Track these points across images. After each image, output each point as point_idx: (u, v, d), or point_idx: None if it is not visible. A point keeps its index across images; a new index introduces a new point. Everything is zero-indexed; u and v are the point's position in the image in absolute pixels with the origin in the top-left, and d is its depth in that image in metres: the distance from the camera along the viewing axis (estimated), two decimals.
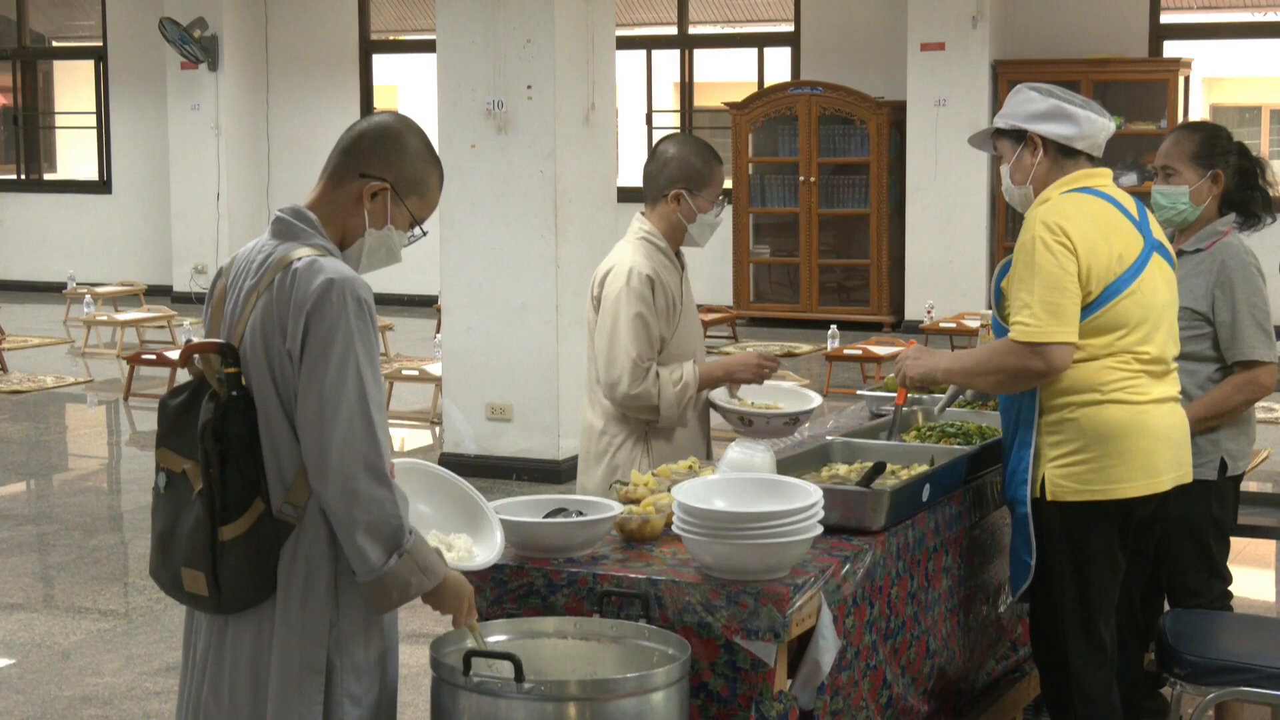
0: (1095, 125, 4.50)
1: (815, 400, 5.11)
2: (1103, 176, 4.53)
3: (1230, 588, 5.50)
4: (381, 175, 3.56)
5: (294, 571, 3.45)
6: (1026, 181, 4.54)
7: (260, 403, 3.42)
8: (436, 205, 3.70)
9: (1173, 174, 5.26)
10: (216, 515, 3.41)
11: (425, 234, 3.67)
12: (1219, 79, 22.09)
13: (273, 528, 3.43)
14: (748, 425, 4.97)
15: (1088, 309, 4.35)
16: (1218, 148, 5.27)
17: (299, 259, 3.43)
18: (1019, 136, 4.54)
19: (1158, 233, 4.57)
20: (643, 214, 5.13)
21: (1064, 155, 4.50)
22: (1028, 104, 4.54)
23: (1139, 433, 4.39)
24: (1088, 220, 4.38)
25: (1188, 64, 15.52)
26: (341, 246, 3.57)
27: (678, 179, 5.03)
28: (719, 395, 5.09)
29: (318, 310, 3.36)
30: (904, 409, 5.05)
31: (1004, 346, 4.39)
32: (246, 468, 3.40)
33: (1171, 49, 16.00)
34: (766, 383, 5.14)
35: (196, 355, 3.50)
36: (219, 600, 3.46)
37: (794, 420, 4.99)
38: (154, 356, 12.83)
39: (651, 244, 5.06)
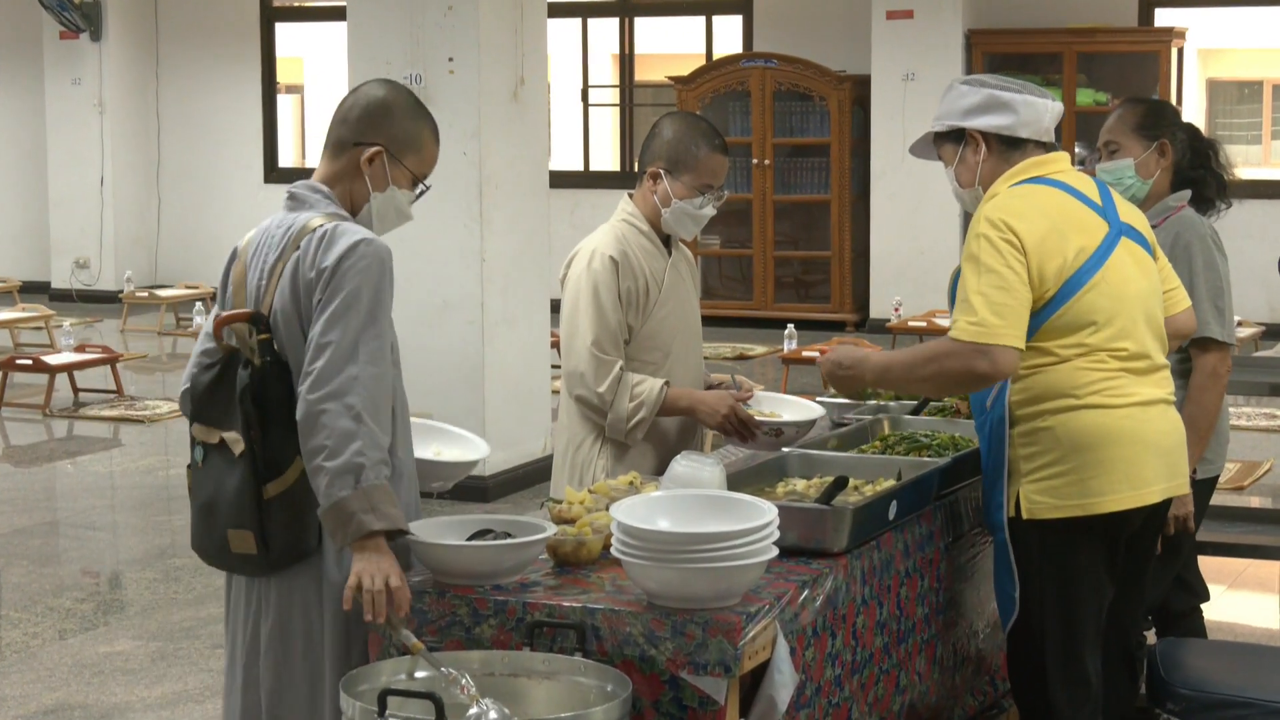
0: (1036, 109, 4.57)
1: (812, 412, 5.18)
2: (1055, 162, 4.59)
3: (1203, 605, 5.57)
4: (374, 140, 4.14)
5: None
6: (974, 182, 4.61)
7: (295, 364, 4.00)
8: (436, 159, 4.27)
9: (1116, 149, 5.43)
10: (260, 474, 3.99)
11: (429, 188, 4.27)
12: (1216, 50, 22.25)
13: (308, 481, 3.95)
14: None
15: (1047, 308, 4.39)
16: (1163, 119, 5.47)
17: (320, 225, 4.03)
18: (959, 137, 4.62)
19: (1128, 215, 4.61)
20: (630, 195, 5.27)
21: (1008, 147, 4.57)
22: (960, 99, 4.61)
23: (1121, 439, 4.41)
24: (1038, 214, 4.43)
25: (1181, 34, 15.64)
26: (353, 213, 4.17)
27: (658, 156, 5.15)
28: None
29: (342, 266, 3.95)
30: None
31: (945, 348, 4.40)
32: (285, 427, 3.96)
33: (1163, 17, 16.11)
34: (769, 393, 5.28)
35: (226, 328, 4.06)
36: (268, 557, 4.03)
37: (777, 432, 5.02)
38: (30, 361, 12.74)
39: (631, 226, 5.20)
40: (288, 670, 4.10)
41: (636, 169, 5.28)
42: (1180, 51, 15.77)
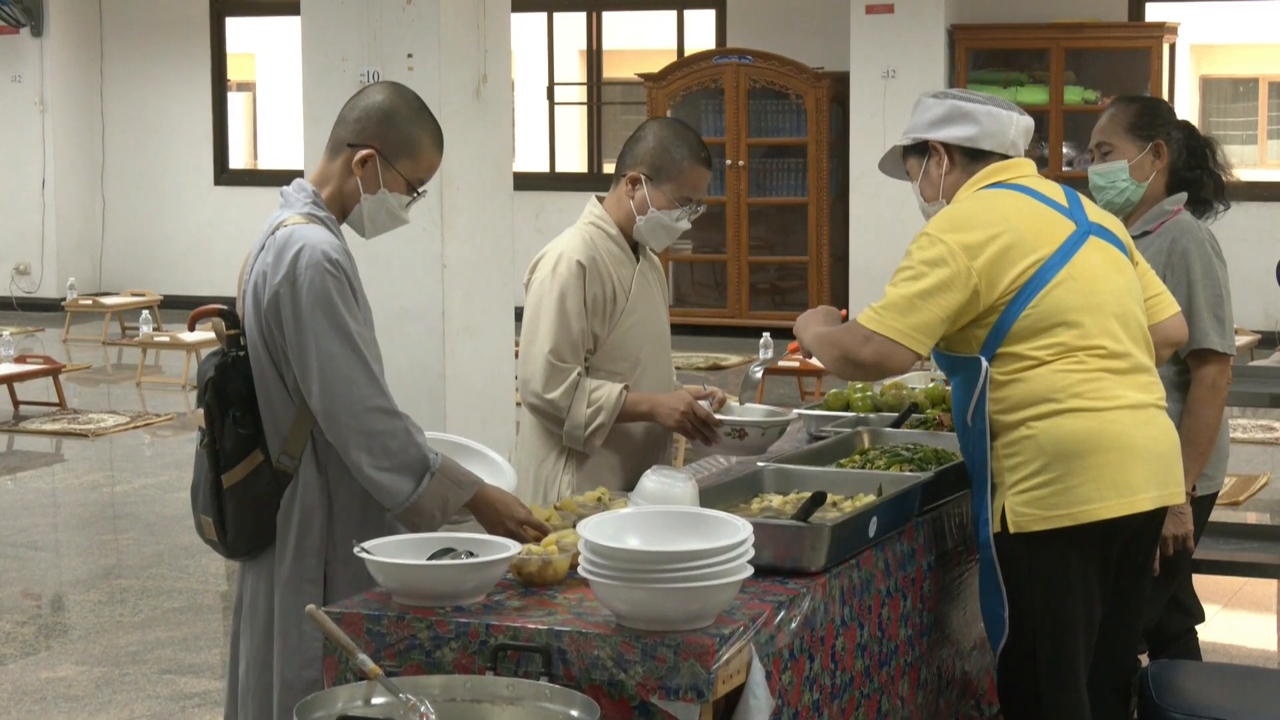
0: (1000, 120, 4.65)
1: (781, 413, 5.22)
2: (1018, 168, 4.67)
3: (1198, 626, 5.57)
4: (367, 142, 4.34)
5: (290, 517, 4.31)
6: (939, 196, 4.71)
7: (254, 361, 4.29)
8: (435, 166, 4.48)
9: (1110, 150, 5.46)
10: (218, 464, 4.29)
11: (424, 194, 4.45)
12: (1209, 46, 22.35)
13: (272, 477, 4.31)
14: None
15: (1010, 309, 4.44)
16: (1158, 118, 5.48)
17: (282, 226, 4.26)
18: (924, 150, 4.72)
19: (1097, 216, 4.67)
20: (600, 198, 5.29)
21: (971, 159, 4.67)
22: (925, 113, 4.73)
23: (1106, 444, 4.43)
24: (996, 218, 4.50)
25: (1173, 29, 15.69)
26: (344, 214, 4.40)
27: (640, 160, 5.18)
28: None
29: (289, 277, 4.18)
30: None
31: (848, 325, 4.61)
32: (243, 420, 4.28)
33: (1155, 12, 16.18)
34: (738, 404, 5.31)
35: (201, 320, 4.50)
36: (226, 544, 4.36)
37: (740, 434, 5.06)
38: None
39: (600, 229, 5.22)
40: (255, 654, 4.41)
41: (613, 170, 5.30)
42: (1172, 48, 15.83)
